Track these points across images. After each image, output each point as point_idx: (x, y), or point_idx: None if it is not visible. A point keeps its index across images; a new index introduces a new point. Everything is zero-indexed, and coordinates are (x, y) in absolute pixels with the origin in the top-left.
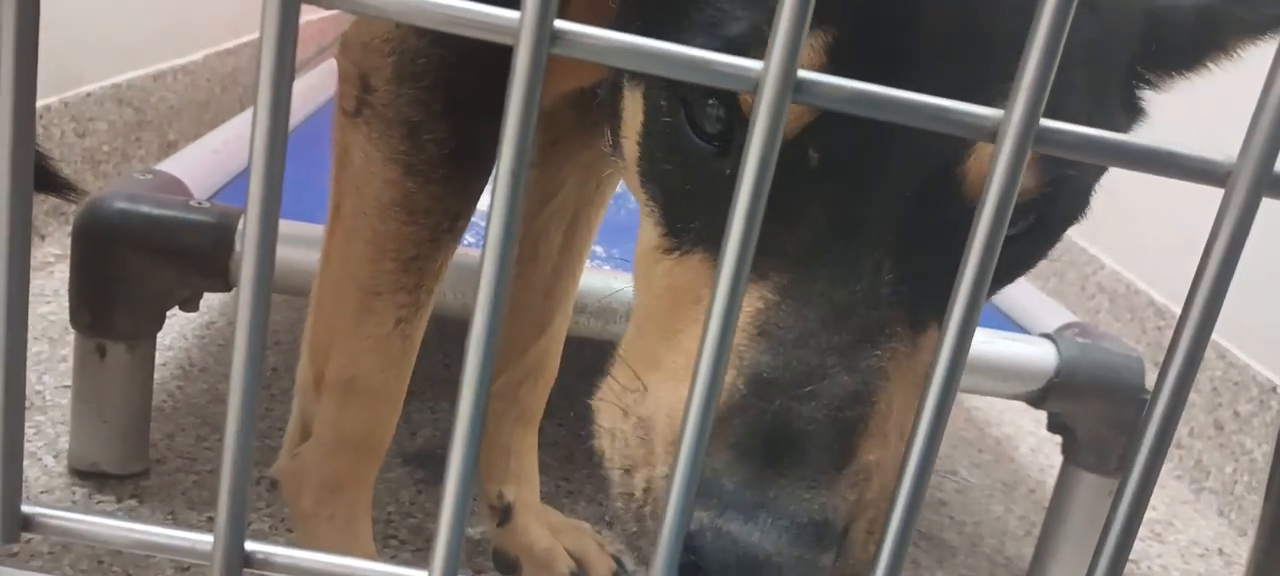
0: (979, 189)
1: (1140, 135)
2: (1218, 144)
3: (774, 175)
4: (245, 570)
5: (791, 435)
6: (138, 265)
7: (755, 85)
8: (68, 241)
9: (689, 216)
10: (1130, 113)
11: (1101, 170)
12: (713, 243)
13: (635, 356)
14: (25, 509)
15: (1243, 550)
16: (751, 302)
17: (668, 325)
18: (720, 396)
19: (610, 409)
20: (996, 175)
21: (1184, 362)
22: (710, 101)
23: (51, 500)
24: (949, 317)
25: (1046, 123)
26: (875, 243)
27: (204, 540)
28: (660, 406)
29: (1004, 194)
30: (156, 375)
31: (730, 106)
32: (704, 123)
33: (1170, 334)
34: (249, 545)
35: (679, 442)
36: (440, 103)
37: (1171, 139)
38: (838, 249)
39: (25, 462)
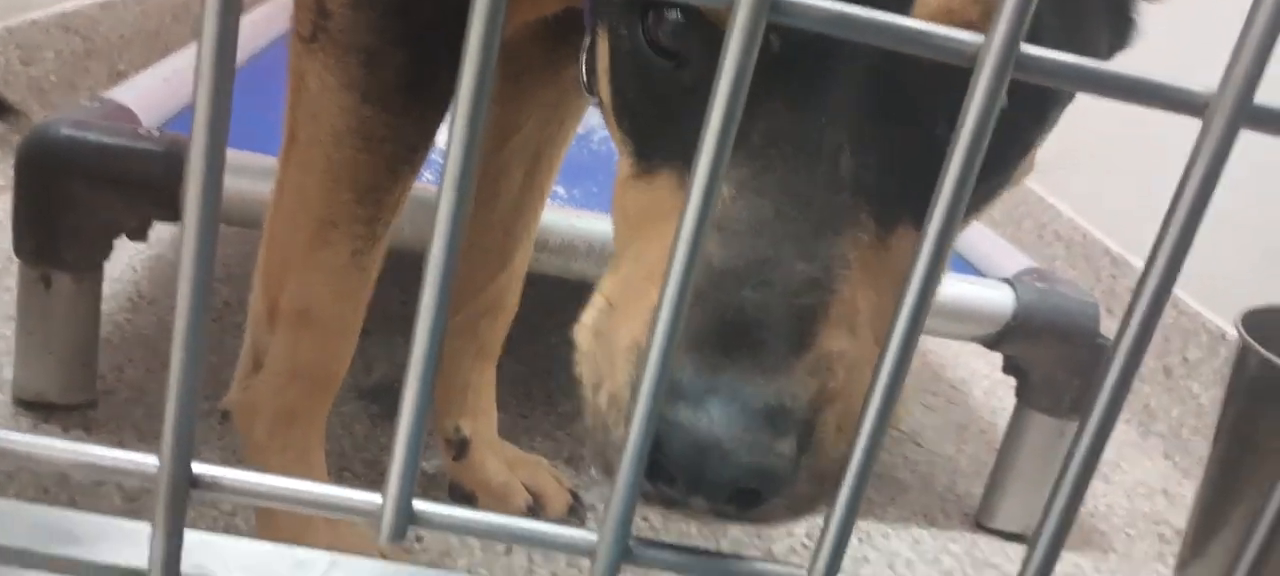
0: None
1: (1120, 64)
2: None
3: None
4: (192, 492)
5: (744, 322)
6: (84, 194)
7: (730, 2)
8: (11, 171)
9: (655, 137)
10: (1119, 26)
11: (1069, 41)
12: (676, 159)
13: (609, 284)
14: None
15: (1186, 491)
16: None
17: (636, 247)
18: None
19: (584, 333)
20: (975, 101)
21: (1154, 294)
22: (668, 13)
23: None
24: (923, 238)
25: (1026, 49)
26: (835, 127)
27: (149, 461)
28: (621, 319)
29: (981, 120)
30: (105, 306)
31: (689, 14)
32: (660, 37)
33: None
34: (197, 467)
35: (645, 350)
36: (398, 29)
37: (1151, 68)
38: (797, 136)
39: None
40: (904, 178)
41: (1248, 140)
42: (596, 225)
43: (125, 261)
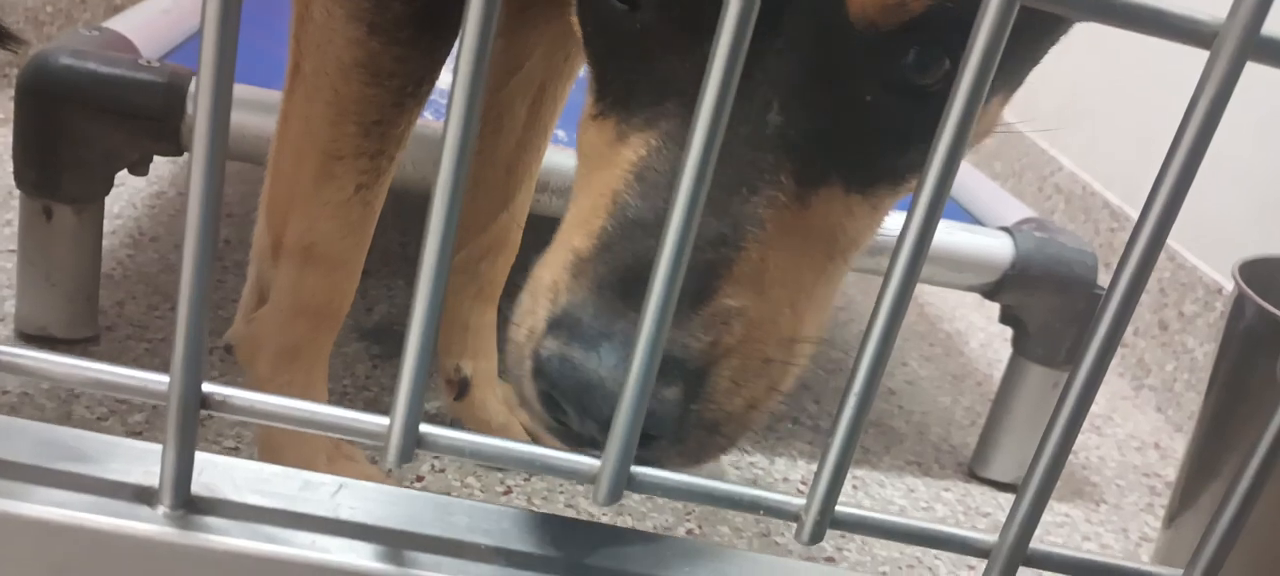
0: (861, 14)
1: None
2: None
3: (681, 19)
4: (202, 412)
5: (645, 273)
6: (85, 124)
7: None
8: (11, 105)
9: (609, 79)
10: None
11: None
12: (621, 107)
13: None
14: None
15: (1178, 444)
16: (635, 150)
17: (582, 195)
18: (590, 236)
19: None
20: (982, 32)
21: (1155, 229)
22: None
23: None
24: (926, 172)
25: None
26: (767, 85)
27: (159, 380)
28: (547, 261)
29: (988, 50)
30: (106, 243)
31: None
32: None
33: (1124, 236)
34: (206, 387)
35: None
36: None
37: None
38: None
39: None
40: (832, 139)
41: (1247, 93)
42: None
43: (126, 199)
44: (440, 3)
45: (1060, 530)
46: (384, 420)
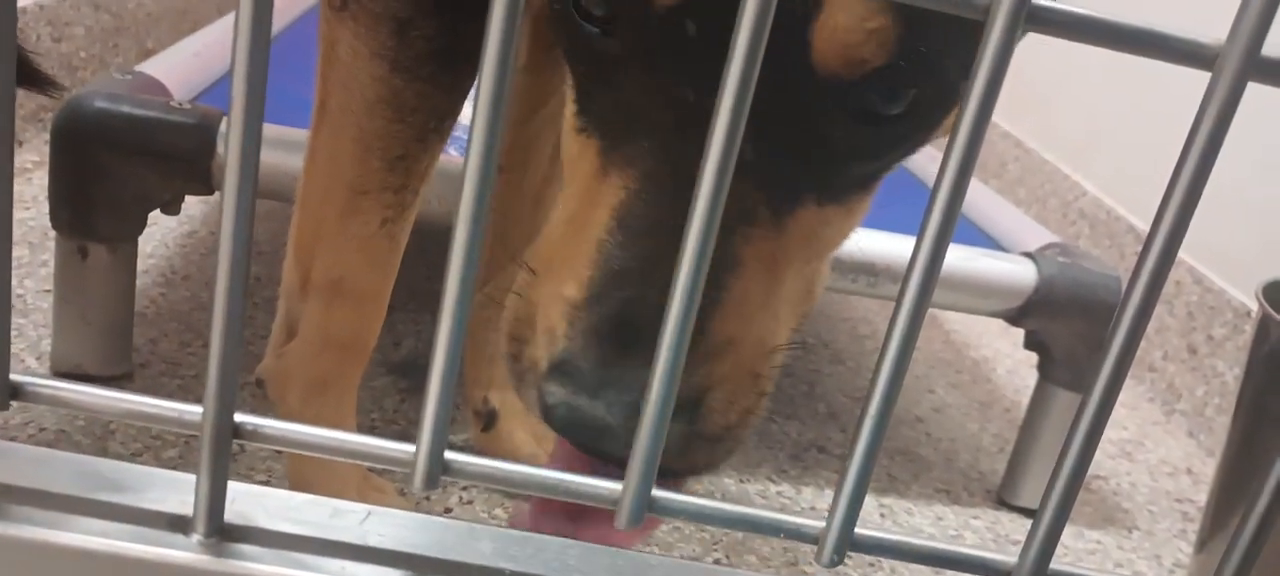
0: (827, 54)
1: (1130, 17)
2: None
3: (655, 52)
4: (235, 441)
5: (637, 321)
6: (119, 165)
7: None
8: (46, 148)
9: (588, 97)
10: None
11: (964, 57)
12: (601, 131)
13: (541, 242)
14: (14, 377)
15: (1210, 470)
16: (615, 192)
17: (565, 215)
18: (581, 285)
19: (512, 297)
20: (988, 53)
21: (1161, 252)
22: None
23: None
24: (930, 209)
25: (1038, 1)
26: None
27: (193, 410)
28: (542, 296)
29: (994, 72)
30: (139, 282)
31: None
32: (591, 6)
33: None
34: (239, 417)
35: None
36: None
37: (1160, 20)
38: (700, 128)
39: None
40: (803, 166)
41: (1274, 117)
42: None
43: (159, 239)
44: (462, 40)
45: (1092, 557)
46: (410, 447)
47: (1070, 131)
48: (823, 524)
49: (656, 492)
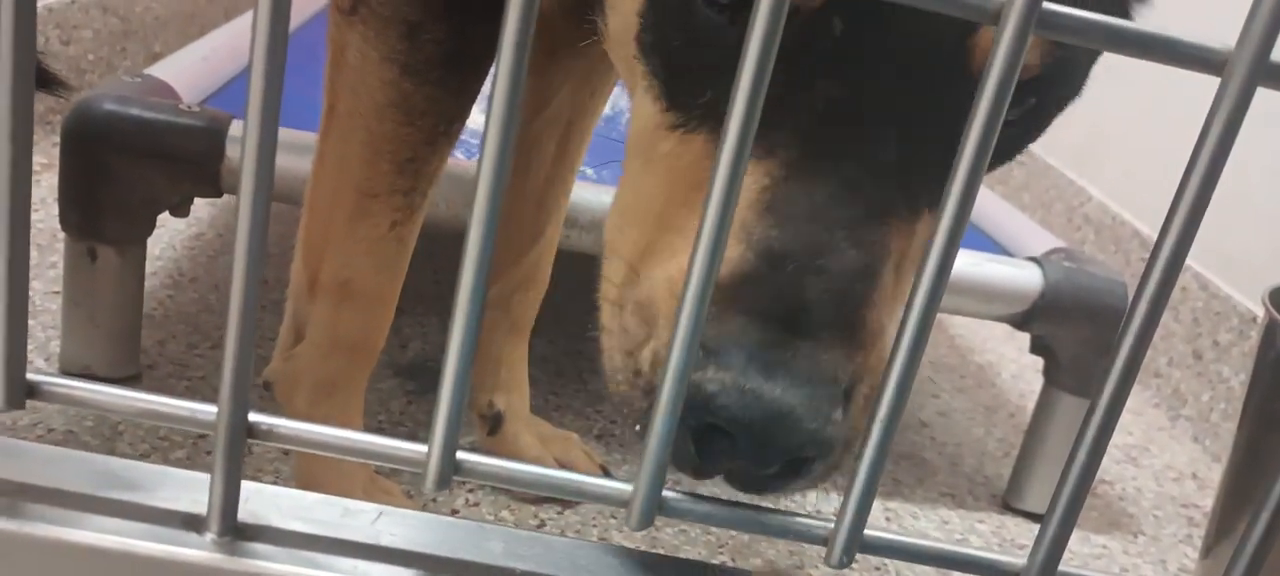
0: (983, 63)
1: (1140, 22)
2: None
3: (795, 47)
4: (248, 441)
5: (805, 303)
6: (127, 168)
7: None
8: (55, 151)
9: (696, 92)
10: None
11: (1086, 70)
12: (717, 122)
13: (626, 246)
14: (30, 377)
15: (1215, 475)
16: (757, 179)
17: (664, 211)
18: (729, 266)
19: (609, 306)
20: (998, 57)
21: (1171, 256)
22: None
23: None
24: (945, 199)
25: (1049, 5)
26: (886, 117)
27: (207, 410)
28: (658, 283)
29: (1005, 76)
30: (148, 284)
31: None
32: None
33: None
34: (253, 416)
35: (681, 296)
36: (438, 2)
37: (1170, 25)
38: (849, 121)
39: None
40: (931, 167)
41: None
42: None
43: (167, 241)
44: (470, 44)
45: (1098, 561)
46: (422, 447)
47: (1075, 137)
48: (831, 525)
49: (667, 494)
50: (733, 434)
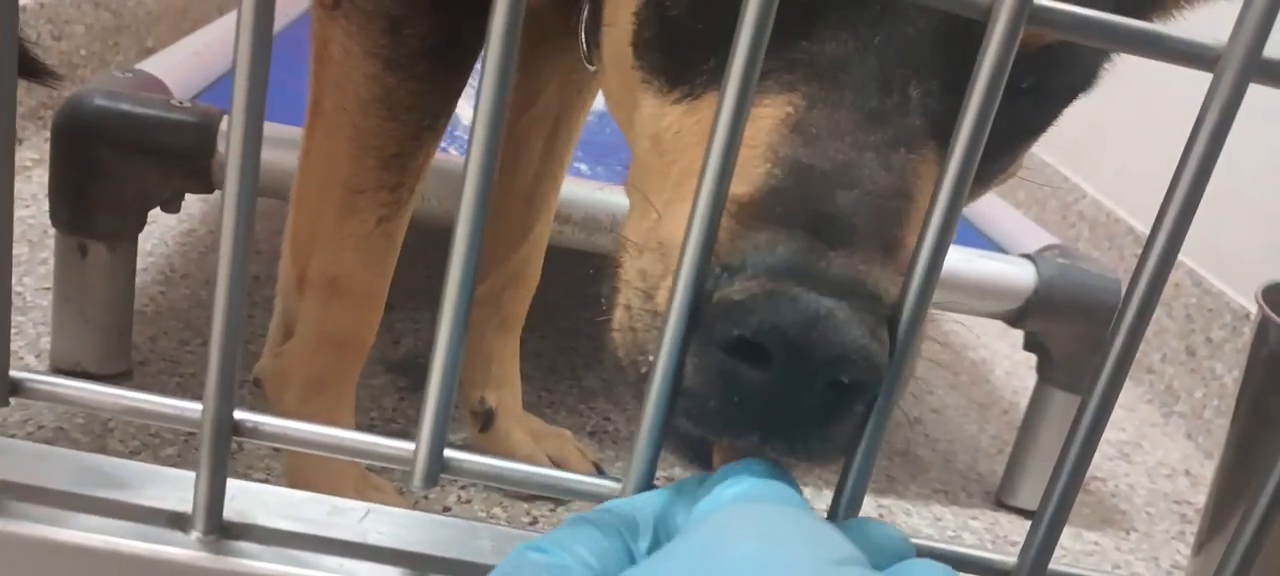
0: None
1: (1132, 18)
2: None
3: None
4: (234, 439)
5: (838, 216)
6: (118, 163)
7: None
8: (46, 146)
9: (699, 61)
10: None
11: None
12: (714, 83)
13: (649, 194)
14: (14, 374)
15: (1208, 472)
16: (780, 108)
17: (677, 167)
18: (754, 183)
19: (629, 252)
20: (990, 51)
21: (1163, 251)
22: None
23: None
24: (934, 206)
25: (1040, 0)
26: (903, 60)
27: (193, 407)
28: (676, 222)
29: (996, 69)
30: (139, 280)
31: None
32: None
33: None
34: (238, 414)
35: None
36: None
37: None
38: (867, 64)
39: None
40: (950, 119)
41: (1273, 120)
42: (619, 199)
43: (158, 237)
44: (454, 38)
45: (1090, 558)
46: (410, 445)
47: (1070, 133)
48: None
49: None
50: (767, 351)
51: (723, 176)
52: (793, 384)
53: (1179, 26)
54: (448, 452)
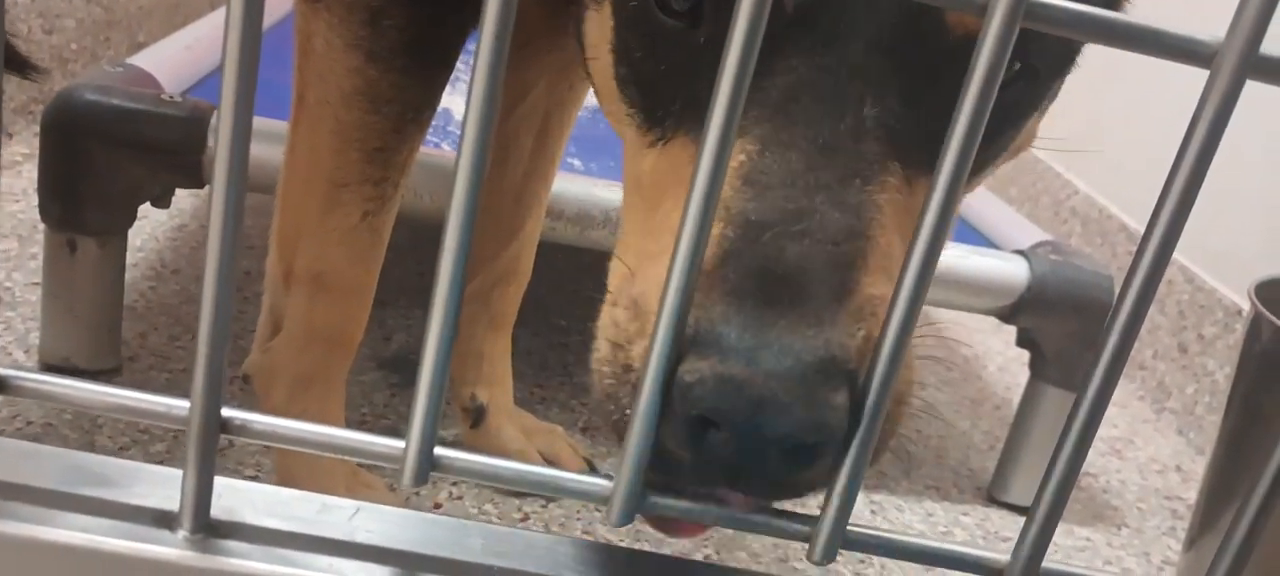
0: (959, 19)
1: (1128, 14)
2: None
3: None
4: (222, 436)
5: (786, 273)
6: (108, 158)
7: None
8: (35, 140)
9: (668, 103)
10: None
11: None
12: (694, 122)
13: (625, 253)
14: (1, 371)
15: (1199, 467)
16: (734, 157)
17: (653, 215)
18: (712, 247)
19: (604, 309)
20: (985, 49)
21: (1159, 246)
22: None
23: None
24: (937, 175)
25: None
26: (855, 78)
27: (180, 404)
28: (649, 281)
29: (992, 66)
30: (129, 275)
31: None
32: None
33: None
34: (226, 411)
35: (665, 286)
36: None
37: (1160, 18)
38: (817, 89)
39: None
40: (923, 131)
41: (1265, 117)
42: (613, 194)
43: (149, 232)
44: (436, 29)
45: (1081, 554)
46: (399, 443)
47: (1064, 130)
48: (814, 521)
49: (649, 489)
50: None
51: (690, 273)
52: (748, 455)
53: (1175, 21)
54: (438, 450)
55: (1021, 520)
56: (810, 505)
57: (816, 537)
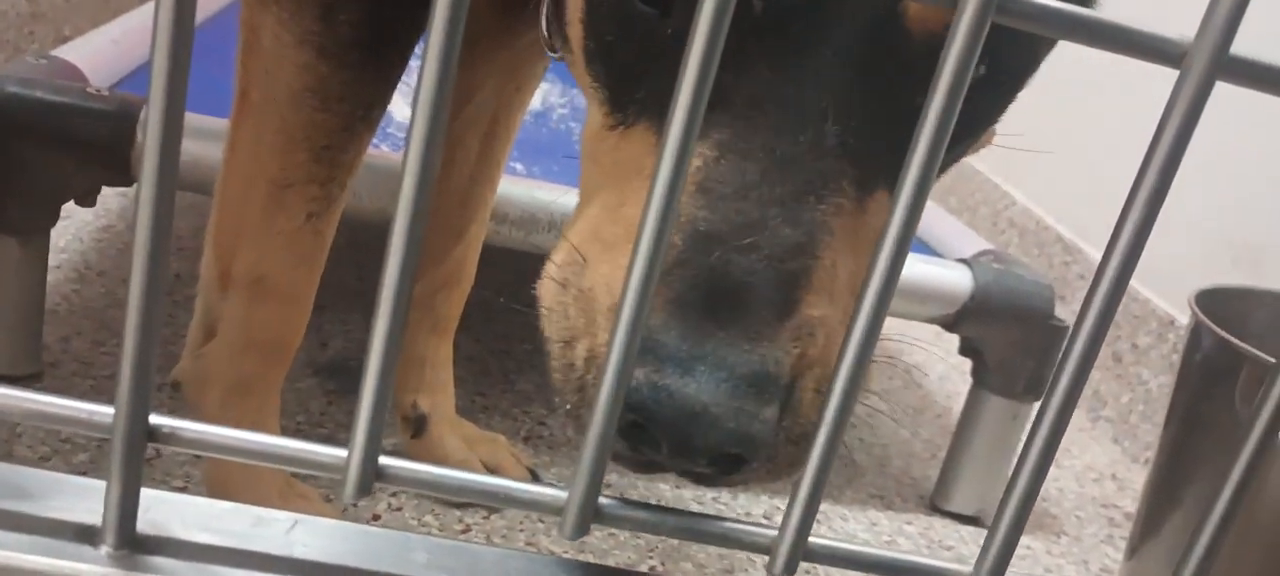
0: (921, 24)
1: (1099, 11)
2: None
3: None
4: (150, 445)
5: (730, 287)
6: (32, 153)
7: None
8: None
9: (633, 88)
10: None
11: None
12: (656, 113)
13: (577, 233)
14: None
15: (1135, 475)
16: (691, 160)
17: (610, 200)
18: (666, 255)
19: (550, 285)
20: (955, 46)
21: (1130, 243)
22: None
23: None
24: (902, 181)
25: None
26: (821, 91)
27: (104, 411)
28: (599, 277)
29: (962, 64)
30: (51, 277)
31: None
32: None
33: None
34: (154, 419)
35: (619, 306)
36: None
37: (1130, 16)
38: (781, 99)
39: None
40: (882, 144)
41: (1198, 129)
42: (558, 197)
43: (72, 232)
44: (390, 26)
45: (1022, 562)
46: (341, 452)
47: (1000, 142)
48: (774, 533)
49: (603, 500)
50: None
51: (644, 291)
52: (678, 459)
53: (1143, 19)
54: (383, 460)
55: (964, 528)
56: (756, 513)
57: (778, 550)
